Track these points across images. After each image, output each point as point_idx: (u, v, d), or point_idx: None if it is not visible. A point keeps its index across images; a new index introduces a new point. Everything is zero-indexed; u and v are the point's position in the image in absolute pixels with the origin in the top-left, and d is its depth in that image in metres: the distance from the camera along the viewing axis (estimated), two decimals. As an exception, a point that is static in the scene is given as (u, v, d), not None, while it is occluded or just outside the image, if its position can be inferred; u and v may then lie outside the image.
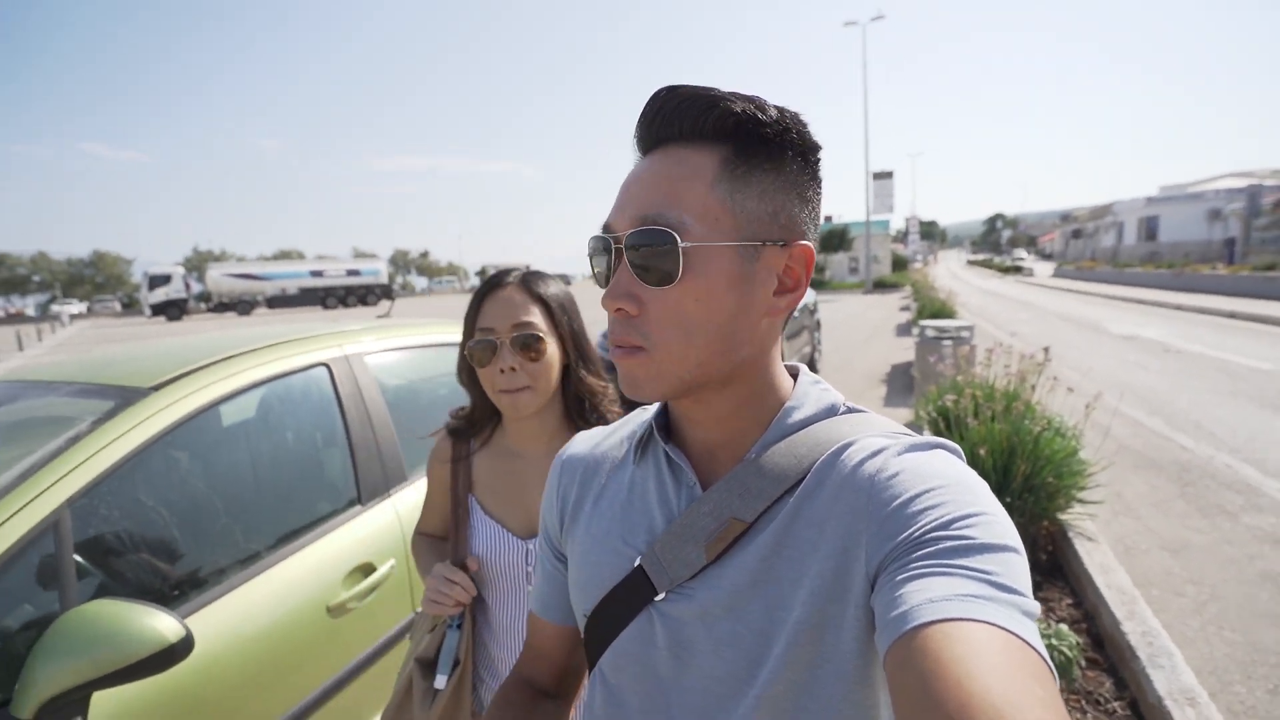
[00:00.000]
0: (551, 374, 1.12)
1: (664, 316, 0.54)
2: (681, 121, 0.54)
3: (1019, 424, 3.16)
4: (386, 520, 1.74)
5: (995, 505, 0.48)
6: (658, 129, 0.55)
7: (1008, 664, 0.37)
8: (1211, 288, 19.73)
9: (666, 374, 0.55)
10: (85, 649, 0.99)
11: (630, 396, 0.58)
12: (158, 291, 35.70)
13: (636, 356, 0.55)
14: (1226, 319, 13.41)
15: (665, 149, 0.55)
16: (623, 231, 0.54)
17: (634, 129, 0.58)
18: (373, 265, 43.74)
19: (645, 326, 0.54)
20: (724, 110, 0.52)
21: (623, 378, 0.57)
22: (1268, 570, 3.13)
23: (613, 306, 0.55)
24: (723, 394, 0.58)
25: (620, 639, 0.61)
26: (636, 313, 0.54)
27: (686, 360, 0.54)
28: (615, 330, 0.56)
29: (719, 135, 0.53)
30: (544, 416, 1.16)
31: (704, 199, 0.53)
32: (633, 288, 0.54)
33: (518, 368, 1.08)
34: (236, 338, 1.87)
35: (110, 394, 1.45)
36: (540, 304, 1.12)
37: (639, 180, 0.55)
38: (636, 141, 0.58)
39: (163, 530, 1.37)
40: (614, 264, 0.56)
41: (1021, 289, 28.25)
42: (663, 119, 0.54)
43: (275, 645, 1.38)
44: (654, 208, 0.53)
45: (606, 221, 0.57)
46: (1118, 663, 2.41)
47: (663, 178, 0.54)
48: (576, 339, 1.16)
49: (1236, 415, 5.85)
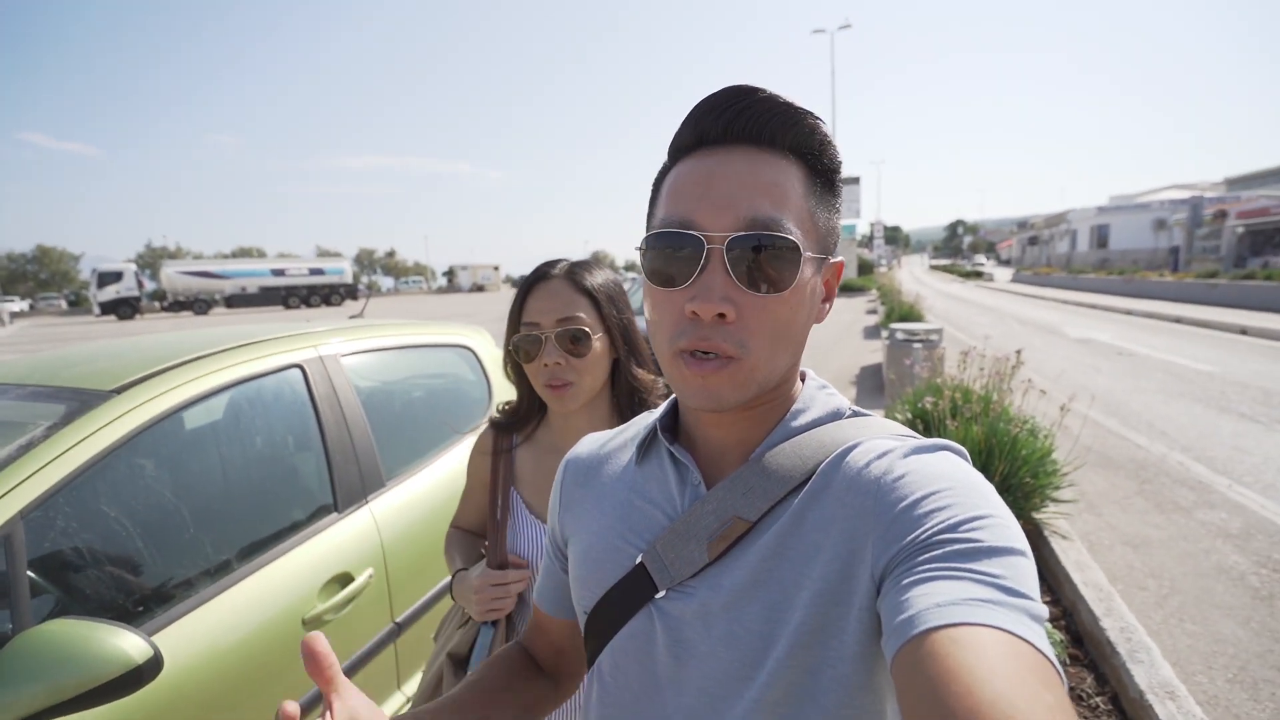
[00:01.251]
0: (598, 369, 1.09)
1: (762, 323, 0.52)
2: (773, 127, 0.53)
3: (995, 425, 3.23)
4: (364, 528, 1.68)
5: (1002, 508, 0.48)
6: (742, 127, 0.53)
7: (1017, 669, 0.37)
8: (1159, 294, 20.66)
9: (752, 381, 0.54)
10: (43, 673, 0.92)
11: (705, 408, 0.55)
12: (108, 289, 34.20)
13: (727, 368, 0.52)
14: (1173, 323, 14.05)
15: (752, 151, 0.53)
16: (724, 231, 0.51)
17: (694, 119, 0.54)
18: (337, 264, 42.84)
19: (740, 334, 0.52)
20: (812, 126, 0.54)
21: (701, 390, 0.53)
22: (1222, 564, 3.26)
23: (714, 311, 0.51)
24: (763, 399, 0.58)
25: (619, 636, 0.61)
26: (733, 319, 0.52)
27: (769, 366, 0.54)
28: (703, 335, 0.52)
29: (801, 150, 0.54)
30: (593, 411, 1.13)
31: (800, 210, 0.54)
32: (730, 291, 0.52)
33: (563, 362, 1.06)
34: (205, 337, 1.78)
35: (68, 397, 1.36)
36: (587, 297, 1.08)
37: (731, 178, 0.52)
38: (701, 131, 0.54)
39: (126, 542, 1.29)
40: (703, 265, 0.52)
41: (982, 294, 29.10)
42: (751, 118, 0.53)
43: (248, 661, 1.32)
44: (766, 212, 0.51)
45: (686, 218, 0.52)
46: (1098, 658, 2.48)
47: (765, 182, 0.52)
48: (626, 332, 1.12)
49: (1186, 415, 6.12)
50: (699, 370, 0.53)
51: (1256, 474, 4.48)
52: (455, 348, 2.40)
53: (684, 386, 0.55)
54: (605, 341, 1.10)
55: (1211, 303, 17.18)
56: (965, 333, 12.48)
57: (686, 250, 0.52)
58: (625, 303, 1.14)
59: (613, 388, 1.14)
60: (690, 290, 0.52)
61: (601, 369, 1.10)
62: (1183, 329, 13.10)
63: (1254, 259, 26.65)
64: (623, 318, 1.12)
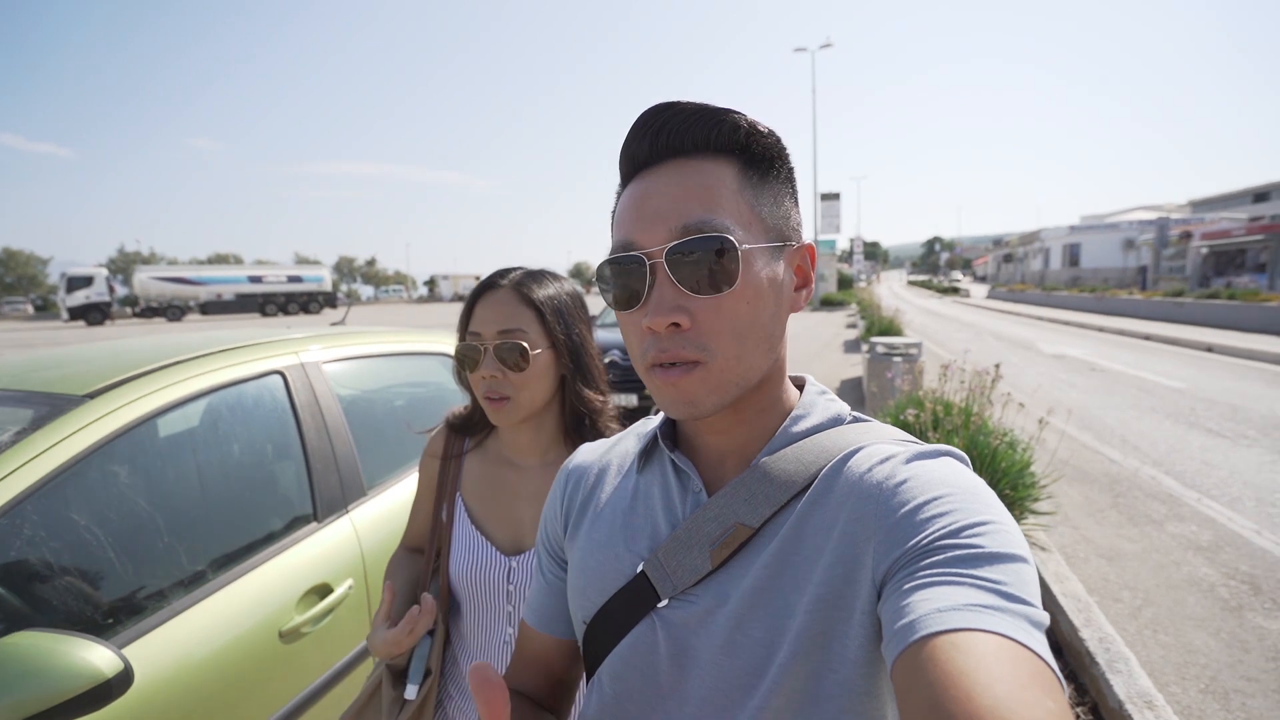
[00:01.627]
0: (539, 385, 1.05)
1: (718, 324, 0.53)
2: (693, 134, 0.54)
3: (976, 438, 3.28)
4: (344, 538, 1.65)
5: (1004, 514, 0.48)
6: (665, 142, 0.55)
7: (1017, 676, 0.37)
8: (1129, 311, 21.21)
9: (725, 383, 0.54)
10: (8, 687, 0.89)
11: (683, 417, 0.55)
12: (78, 294, 33.27)
13: (694, 372, 0.53)
14: (1143, 340, 14.42)
15: (678, 162, 0.55)
16: (659, 245, 0.53)
17: (625, 147, 0.57)
18: (316, 272, 42.31)
19: (700, 338, 0.53)
20: (732, 123, 0.54)
21: (676, 399, 0.54)
22: (1192, 576, 3.33)
23: (665, 323, 0.52)
24: (749, 399, 0.58)
25: (620, 647, 0.60)
26: (688, 326, 0.53)
27: (742, 364, 0.54)
28: (662, 348, 0.53)
29: (728, 148, 0.55)
30: (538, 429, 1.11)
31: (736, 205, 0.54)
32: (680, 300, 0.53)
33: (500, 375, 1.03)
34: (183, 342, 1.74)
35: (38, 401, 1.32)
36: (533, 309, 1.05)
37: (661, 193, 0.54)
38: (631, 157, 0.57)
39: (97, 552, 1.25)
40: (650, 281, 0.53)
41: (959, 309, 29.63)
42: (670, 132, 0.54)
43: (222, 674, 1.27)
44: (696, 216, 0.52)
45: (627, 240, 0.54)
46: (1077, 669, 2.51)
47: (692, 187, 0.53)
48: (575, 350, 1.08)
49: (1156, 430, 6.27)
50: (668, 378, 0.54)
51: (1224, 488, 4.59)
52: (438, 356, 2.38)
53: (662, 398, 0.56)
54: (551, 357, 1.05)
55: (1178, 320, 17.69)
56: (944, 347, 12.68)
57: (633, 271, 0.54)
58: (579, 317, 1.10)
59: (561, 406, 1.10)
60: (645, 307, 0.54)
61: (543, 385, 1.05)
62: (1152, 346, 13.45)
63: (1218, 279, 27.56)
64: (572, 333, 1.07)
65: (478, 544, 1.10)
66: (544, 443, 1.11)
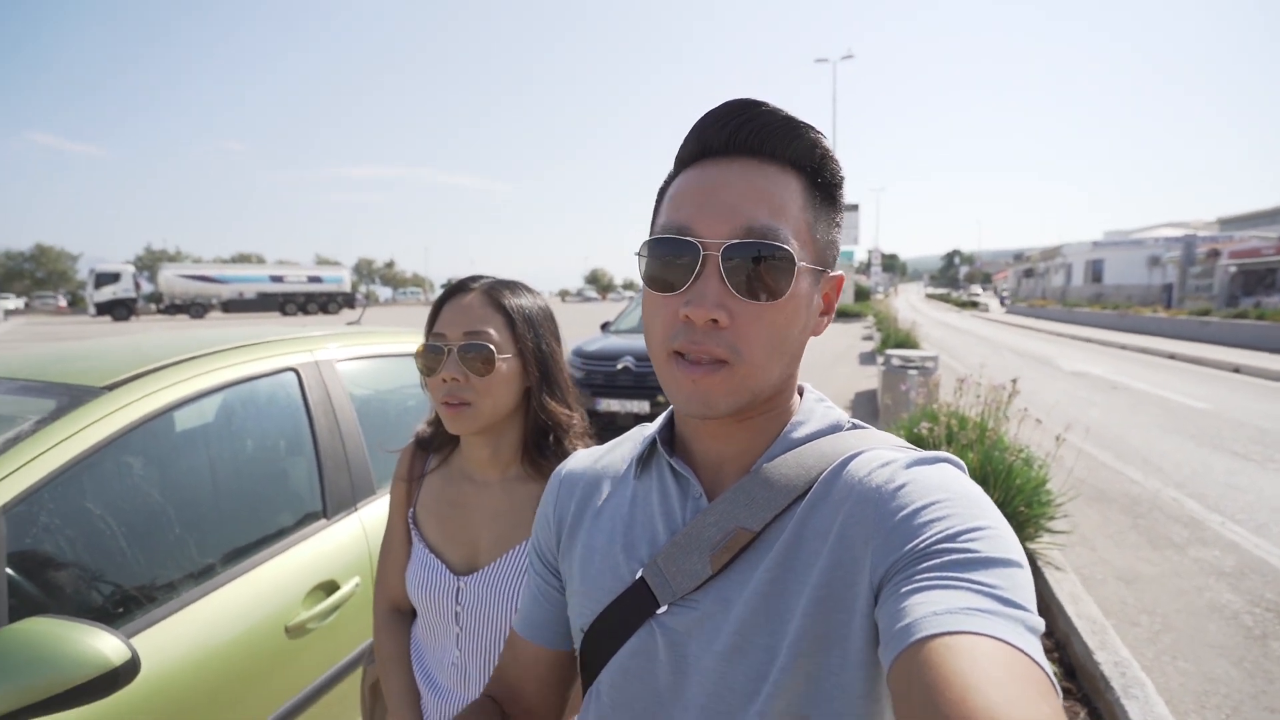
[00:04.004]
0: (502, 392, 1.00)
1: (756, 331, 0.53)
2: (775, 140, 0.54)
3: (991, 453, 3.23)
4: (352, 535, 1.66)
5: (1000, 519, 0.48)
6: (744, 138, 0.54)
7: (1011, 679, 0.37)
8: (1152, 329, 20.82)
9: (746, 388, 0.54)
10: (16, 672, 0.90)
11: (695, 414, 0.55)
12: (105, 290, 34.06)
13: (718, 373, 0.53)
14: (1166, 359, 14.14)
15: (752, 162, 0.54)
16: (720, 239, 0.52)
17: (699, 131, 0.56)
18: (335, 273, 42.90)
19: (734, 340, 0.53)
20: (812, 140, 0.54)
21: (693, 394, 0.54)
22: (1215, 602, 3.24)
23: (706, 317, 0.52)
24: (758, 409, 0.58)
25: (620, 654, 0.59)
26: (727, 325, 0.53)
27: (768, 375, 0.55)
28: (694, 340, 0.53)
29: (801, 163, 0.55)
30: (499, 443, 1.05)
31: (798, 221, 0.54)
32: (725, 298, 0.53)
33: (461, 379, 0.98)
34: (200, 338, 1.77)
35: (58, 392, 1.34)
36: (503, 314, 1.02)
37: (732, 187, 0.53)
38: (703, 142, 0.56)
39: (109, 542, 1.27)
40: (699, 271, 0.53)
41: (977, 324, 29.30)
42: (753, 130, 0.54)
43: (228, 668, 1.29)
44: (763, 221, 0.52)
45: (684, 225, 0.54)
46: (1090, 693, 2.45)
47: (764, 192, 0.53)
48: (542, 360, 1.04)
49: (1180, 451, 6.13)
50: (691, 374, 0.53)
51: (1250, 512, 4.48)
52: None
53: (676, 390, 0.55)
54: (516, 365, 1.02)
55: (1204, 340, 17.32)
56: (960, 361, 12.52)
57: (684, 256, 0.53)
58: (548, 330, 1.07)
59: (524, 420, 1.06)
60: (685, 295, 0.53)
61: (506, 393, 1.01)
62: (1176, 365, 13.18)
63: (1246, 298, 26.96)
64: (541, 343, 1.04)
65: (429, 563, 1.06)
66: (504, 458, 1.06)
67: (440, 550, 1.07)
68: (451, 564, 1.06)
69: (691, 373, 0.53)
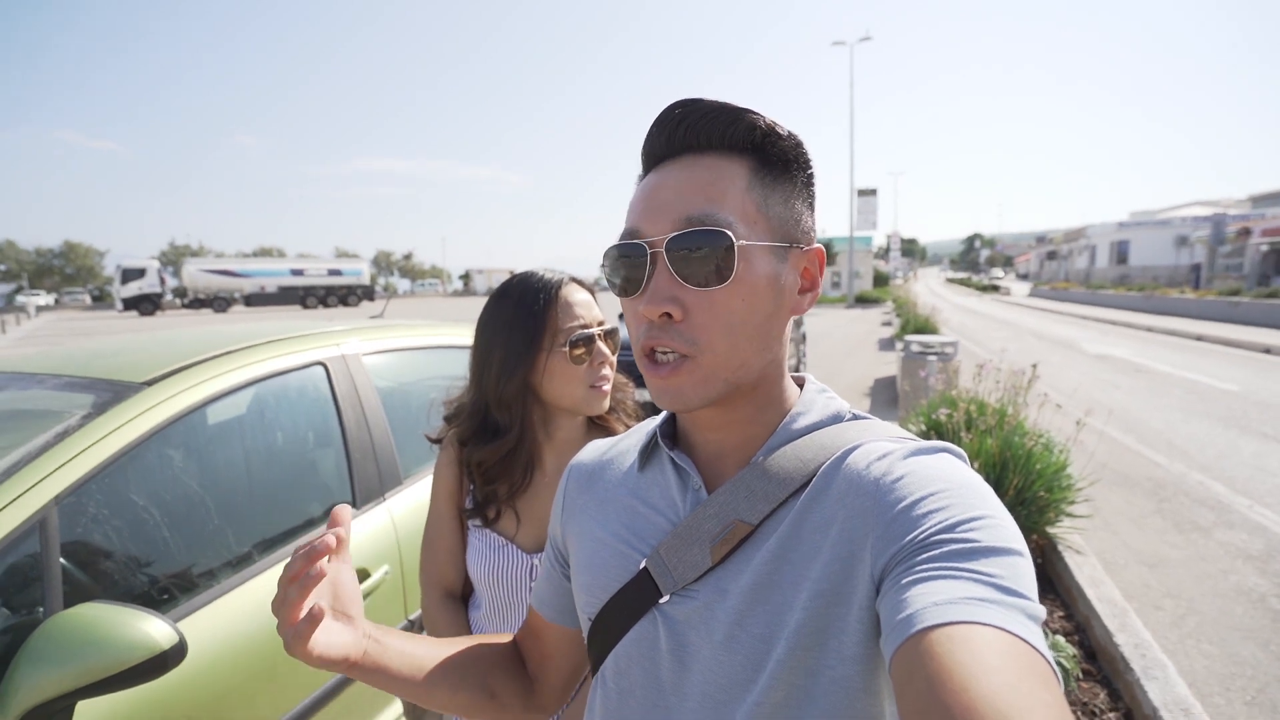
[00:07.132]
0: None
1: (711, 318, 0.54)
2: (708, 131, 0.55)
3: (1010, 439, 3.21)
4: (381, 525, 1.71)
5: (1000, 509, 0.49)
6: (681, 137, 0.56)
7: (1013, 668, 0.37)
8: (1179, 311, 20.33)
9: (714, 378, 0.55)
10: (72, 655, 0.94)
11: (670, 409, 0.57)
12: (131, 285, 34.76)
13: (682, 367, 0.54)
14: (1194, 341, 13.82)
15: (691, 157, 0.56)
16: (661, 235, 0.54)
17: (646, 140, 0.58)
18: (355, 265, 43.32)
19: (691, 331, 0.54)
20: (750, 122, 0.55)
21: (663, 390, 0.55)
22: (1241, 585, 3.20)
23: (657, 312, 0.53)
24: (744, 397, 0.59)
25: (624, 642, 0.61)
26: (680, 317, 0.54)
27: (732, 361, 0.55)
28: (653, 338, 0.55)
29: (743, 146, 0.55)
30: (580, 424, 1.14)
31: (742, 202, 0.54)
32: (676, 291, 0.54)
33: (609, 362, 1.10)
34: (231, 333, 1.82)
35: (101, 388, 1.40)
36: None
37: (670, 185, 0.55)
38: (650, 151, 0.58)
39: (153, 531, 1.32)
40: (650, 270, 0.55)
41: (999, 307, 28.82)
42: (687, 128, 0.55)
43: (268, 652, 1.34)
44: (699, 209, 0.53)
45: (633, 228, 0.56)
46: (1111, 674, 2.45)
47: (701, 182, 0.54)
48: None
49: (1206, 434, 6.02)
50: (657, 373, 0.55)
51: (1278, 494, 4.40)
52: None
53: (651, 388, 0.57)
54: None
55: (1234, 321, 16.89)
56: (981, 346, 12.35)
57: (635, 258, 0.55)
58: None
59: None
60: (643, 295, 0.55)
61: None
62: (1204, 346, 12.88)
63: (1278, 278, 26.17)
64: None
65: (495, 543, 1.10)
66: (577, 439, 1.14)
67: (508, 533, 1.11)
68: (522, 545, 1.10)
69: (658, 372, 0.55)
